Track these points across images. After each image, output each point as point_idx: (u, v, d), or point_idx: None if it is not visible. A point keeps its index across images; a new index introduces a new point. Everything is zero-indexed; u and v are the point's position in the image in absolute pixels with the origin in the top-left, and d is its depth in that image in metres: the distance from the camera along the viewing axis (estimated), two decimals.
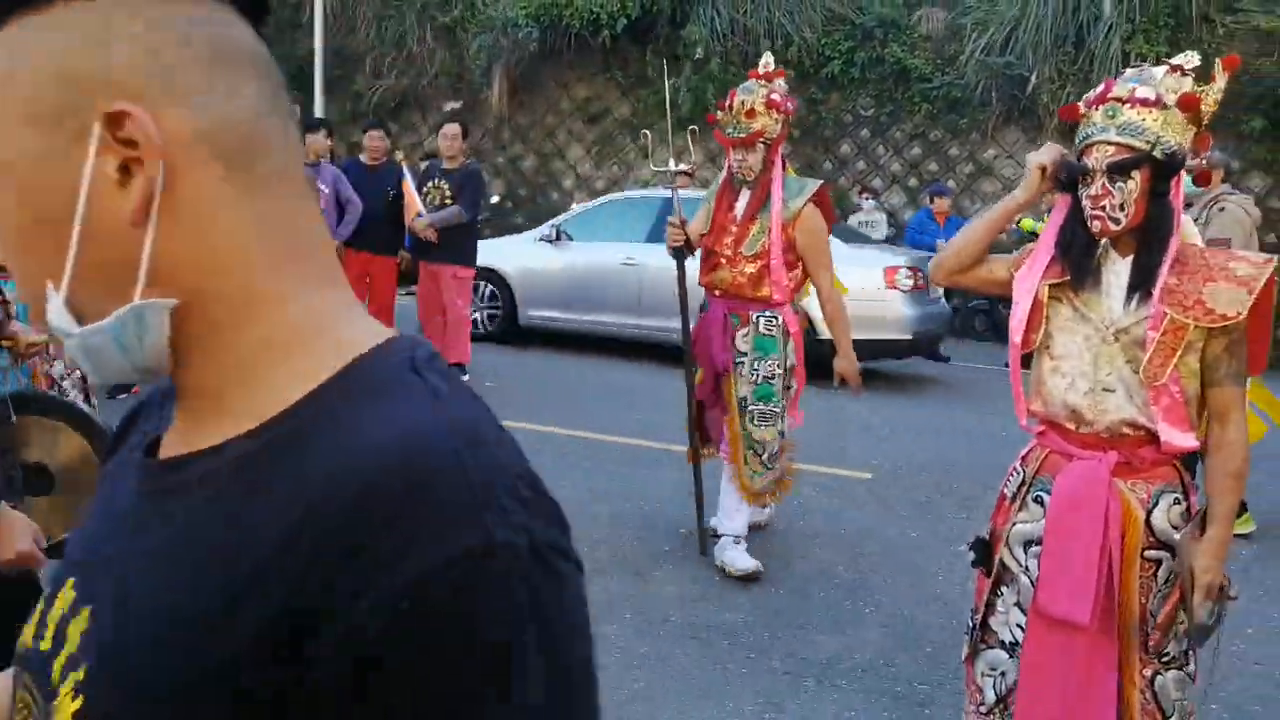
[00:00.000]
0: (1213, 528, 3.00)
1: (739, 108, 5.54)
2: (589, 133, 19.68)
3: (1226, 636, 5.24)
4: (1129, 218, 3.01)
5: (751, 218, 5.63)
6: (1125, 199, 2.99)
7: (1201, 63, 3.10)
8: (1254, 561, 6.52)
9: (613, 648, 4.79)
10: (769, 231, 5.56)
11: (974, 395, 11.38)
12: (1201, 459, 3.19)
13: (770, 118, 5.57)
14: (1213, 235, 6.83)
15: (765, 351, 5.63)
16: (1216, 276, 3.00)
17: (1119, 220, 3.01)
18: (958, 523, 6.82)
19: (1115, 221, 3.01)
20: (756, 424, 5.66)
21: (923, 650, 4.97)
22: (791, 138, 18.37)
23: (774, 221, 5.56)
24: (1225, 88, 3.08)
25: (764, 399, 5.65)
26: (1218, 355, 3.03)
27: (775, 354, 5.64)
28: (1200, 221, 6.95)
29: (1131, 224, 3.02)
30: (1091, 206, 3.04)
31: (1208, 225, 6.94)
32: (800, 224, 5.58)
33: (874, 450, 8.77)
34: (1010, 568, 3.32)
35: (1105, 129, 3.01)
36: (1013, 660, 3.31)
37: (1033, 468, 3.31)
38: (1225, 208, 7.05)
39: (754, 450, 5.64)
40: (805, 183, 5.79)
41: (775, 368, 5.64)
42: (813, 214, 5.63)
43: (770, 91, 5.57)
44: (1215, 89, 3.06)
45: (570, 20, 18.31)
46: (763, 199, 5.63)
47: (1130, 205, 2.99)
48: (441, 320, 10.16)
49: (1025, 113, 17.14)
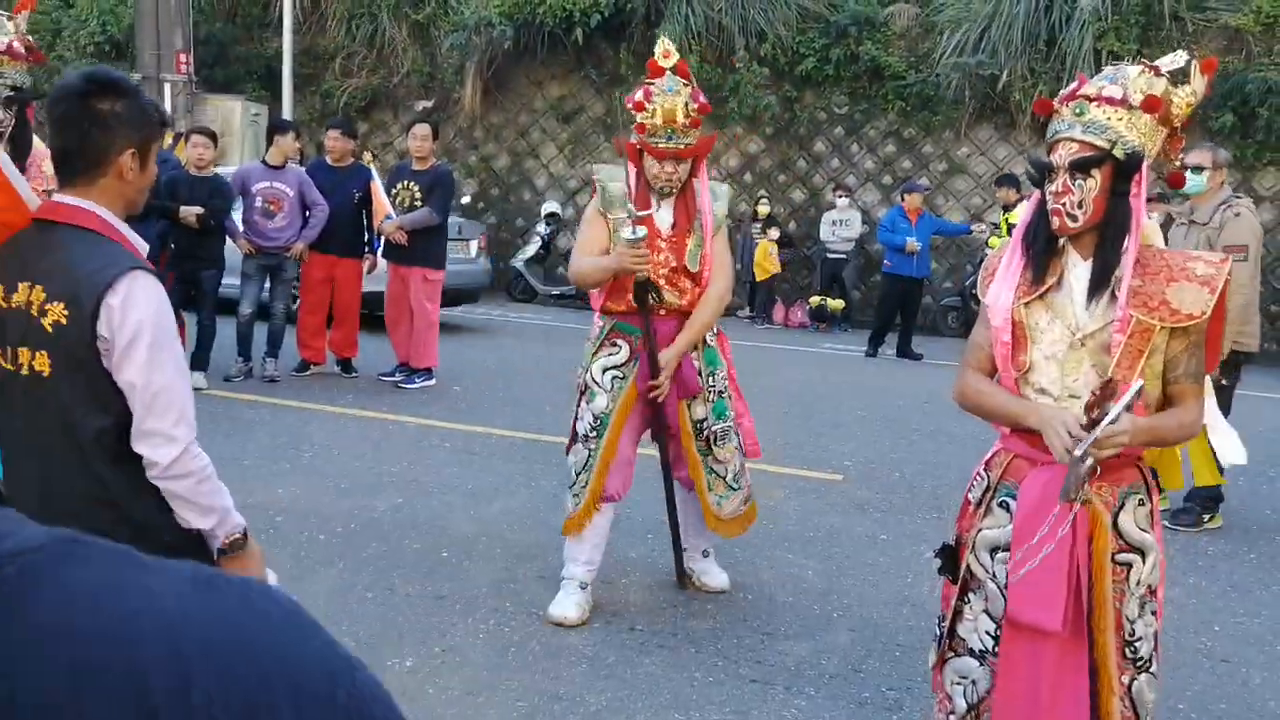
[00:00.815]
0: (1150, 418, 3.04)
1: (670, 113, 4.92)
2: (562, 131, 19.64)
3: (1193, 633, 5.29)
4: (1086, 216, 2.99)
5: (687, 230, 5.12)
6: (1084, 197, 2.97)
7: None
8: (1220, 559, 6.54)
9: (580, 657, 4.74)
10: (704, 241, 5.13)
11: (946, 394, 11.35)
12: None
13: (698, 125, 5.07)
14: (1228, 241, 6.77)
15: (714, 365, 5.29)
16: (1178, 276, 3.00)
17: (1076, 218, 3.00)
18: (929, 523, 6.81)
19: (1073, 219, 3.00)
20: (719, 444, 5.26)
21: (891, 654, 4.93)
22: (765, 135, 18.40)
23: (707, 233, 5.13)
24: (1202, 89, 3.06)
25: (720, 415, 5.27)
26: (1176, 355, 3.04)
27: (720, 366, 5.32)
28: (1213, 226, 6.90)
29: (1090, 222, 3.01)
30: (1053, 202, 3.03)
31: (1222, 230, 6.86)
32: (720, 236, 5.24)
33: (845, 451, 8.75)
34: (977, 574, 3.29)
35: (1071, 126, 3.01)
36: (983, 668, 3.28)
37: (997, 473, 3.28)
38: (1240, 213, 6.94)
39: (715, 473, 5.28)
40: (715, 187, 5.33)
41: (724, 380, 5.33)
42: (725, 230, 5.30)
43: (693, 93, 5.03)
44: (1188, 91, 3.03)
45: (544, 18, 18.26)
46: (693, 210, 5.14)
47: (1089, 204, 2.97)
48: (409, 323, 10.11)
49: (998, 110, 17.25)
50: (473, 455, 7.81)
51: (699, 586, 5.57)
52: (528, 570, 5.69)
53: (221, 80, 20.06)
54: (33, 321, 2.55)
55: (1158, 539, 3.16)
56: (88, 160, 2.63)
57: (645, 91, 4.96)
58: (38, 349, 2.56)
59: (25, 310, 2.56)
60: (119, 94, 2.64)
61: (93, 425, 2.57)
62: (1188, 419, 3.05)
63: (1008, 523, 3.18)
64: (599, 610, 5.20)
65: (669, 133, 4.93)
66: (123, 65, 20.41)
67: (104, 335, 2.52)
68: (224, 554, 2.72)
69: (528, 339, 14.14)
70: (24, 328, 2.57)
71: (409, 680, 4.43)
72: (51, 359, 2.55)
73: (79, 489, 2.61)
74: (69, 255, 2.58)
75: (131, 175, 2.67)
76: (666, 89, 4.95)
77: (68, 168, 2.67)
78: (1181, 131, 3.09)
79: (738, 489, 5.34)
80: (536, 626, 5.02)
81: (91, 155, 2.63)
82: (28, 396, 2.61)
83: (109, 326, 2.51)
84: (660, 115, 4.91)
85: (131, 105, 2.64)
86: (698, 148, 5.06)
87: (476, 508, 6.56)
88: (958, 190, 17.65)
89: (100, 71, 2.70)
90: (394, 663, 4.56)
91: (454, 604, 5.18)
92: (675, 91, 4.95)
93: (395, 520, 5.91)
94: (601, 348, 5.23)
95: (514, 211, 19.85)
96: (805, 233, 18.23)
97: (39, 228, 2.64)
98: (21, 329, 2.57)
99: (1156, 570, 3.15)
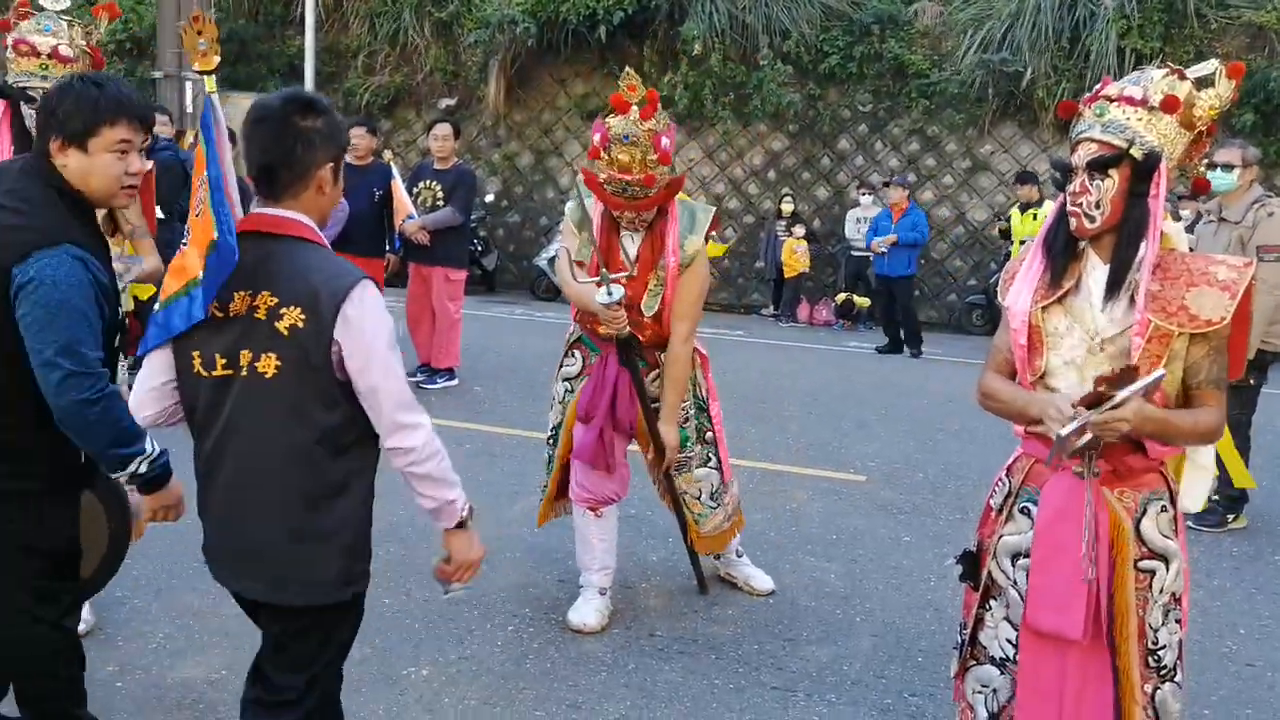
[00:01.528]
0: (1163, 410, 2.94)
1: (625, 166, 4.54)
2: (586, 129, 19.52)
3: (1217, 637, 5.23)
4: (1104, 216, 2.96)
5: (648, 267, 4.82)
6: (1101, 197, 2.94)
7: (1194, 56, 3.04)
8: (1246, 560, 6.47)
9: (599, 665, 4.72)
10: (665, 283, 4.82)
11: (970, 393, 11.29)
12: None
13: (660, 172, 4.63)
14: (1262, 241, 6.70)
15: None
16: (1198, 281, 2.95)
17: (1094, 218, 2.97)
18: (952, 525, 6.77)
19: (1090, 219, 2.97)
20: (676, 473, 5.16)
21: (914, 659, 4.90)
22: (789, 132, 18.35)
23: (669, 275, 4.79)
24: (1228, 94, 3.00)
25: (681, 445, 5.10)
26: (1198, 361, 2.99)
27: (687, 395, 5.10)
28: (1246, 224, 6.81)
29: (1108, 223, 2.97)
30: (1070, 202, 3.01)
31: (1255, 229, 6.77)
32: (691, 269, 4.84)
33: (870, 452, 8.70)
34: (999, 581, 3.26)
35: (1091, 126, 2.99)
36: (1004, 676, 3.25)
37: (1018, 479, 3.25)
38: (1274, 213, 6.80)
39: (688, 493, 5.23)
40: (696, 210, 4.94)
41: (689, 409, 5.13)
42: (703, 262, 4.88)
43: (654, 140, 4.56)
44: (1212, 95, 2.98)
45: (567, 15, 18.22)
46: (659, 248, 4.82)
47: (1106, 204, 2.94)
48: (430, 323, 10.10)
49: (1021, 108, 17.19)
50: (493, 456, 7.79)
51: (747, 590, 5.56)
52: (547, 575, 5.67)
53: (244, 78, 20.08)
54: (258, 326, 2.73)
55: (1181, 546, 3.11)
56: (292, 175, 2.82)
57: (602, 136, 4.59)
58: (265, 351, 2.72)
59: (248, 316, 2.74)
60: (318, 112, 2.86)
61: (322, 422, 2.75)
62: (1206, 422, 2.97)
63: (1029, 529, 3.15)
64: (618, 616, 5.18)
65: (623, 185, 4.60)
66: (144, 64, 20.54)
67: (339, 340, 2.70)
68: (461, 527, 2.99)
69: (550, 338, 13.99)
70: (245, 332, 2.74)
71: (425, 689, 4.42)
72: (281, 360, 2.72)
73: (292, 480, 2.78)
74: (297, 264, 2.77)
75: (327, 188, 2.88)
76: (623, 137, 4.53)
77: (272, 182, 2.83)
78: (1207, 137, 3.04)
79: (717, 506, 5.30)
80: (555, 633, 5.00)
81: (296, 170, 2.81)
82: (240, 397, 2.77)
83: (346, 334, 2.71)
84: (616, 167, 4.58)
85: (329, 122, 2.87)
86: (656, 199, 4.69)
87: (496, 509, 6.53)
88: (981, 188, 17.57)
89: (299, 92, 2.96)
90: (410, 671, 4.55)
91: (471, 610, 5.16)
92: (632, 141, 4.52)
93: (413, 524, 5.88)
94: (566, 354, 5.24)
95: (537, 210, 19.83)
96: (829, 230, 18.17)
97: (252, 239, 2.79)
98: (241, 334, 2.74)
99: (1180, 578, 3.11)
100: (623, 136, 4.54)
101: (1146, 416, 2.84)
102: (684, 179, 5.00)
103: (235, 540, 2.88)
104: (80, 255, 2.92)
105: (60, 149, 3.00)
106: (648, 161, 4.55)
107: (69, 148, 3.00)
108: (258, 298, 2.74)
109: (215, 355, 2.77)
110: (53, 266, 2.86)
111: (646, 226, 4.82)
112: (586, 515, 5.13)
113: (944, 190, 17.82)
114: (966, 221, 17.67)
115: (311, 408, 2.75)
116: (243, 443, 2.79)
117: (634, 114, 4.56)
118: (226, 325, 2.76)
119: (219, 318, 2.77)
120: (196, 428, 2.88)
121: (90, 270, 2.95)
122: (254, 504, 2.82)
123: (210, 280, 2.76)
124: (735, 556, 5.63)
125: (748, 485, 7.30)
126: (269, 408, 2.75)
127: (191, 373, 2.81)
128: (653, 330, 4.90)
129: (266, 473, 2.79)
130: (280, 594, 2.86)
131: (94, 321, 2.92)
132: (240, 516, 2.84)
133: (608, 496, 5.12)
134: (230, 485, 2.83)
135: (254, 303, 2.74)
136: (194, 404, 2.85)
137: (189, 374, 2.82)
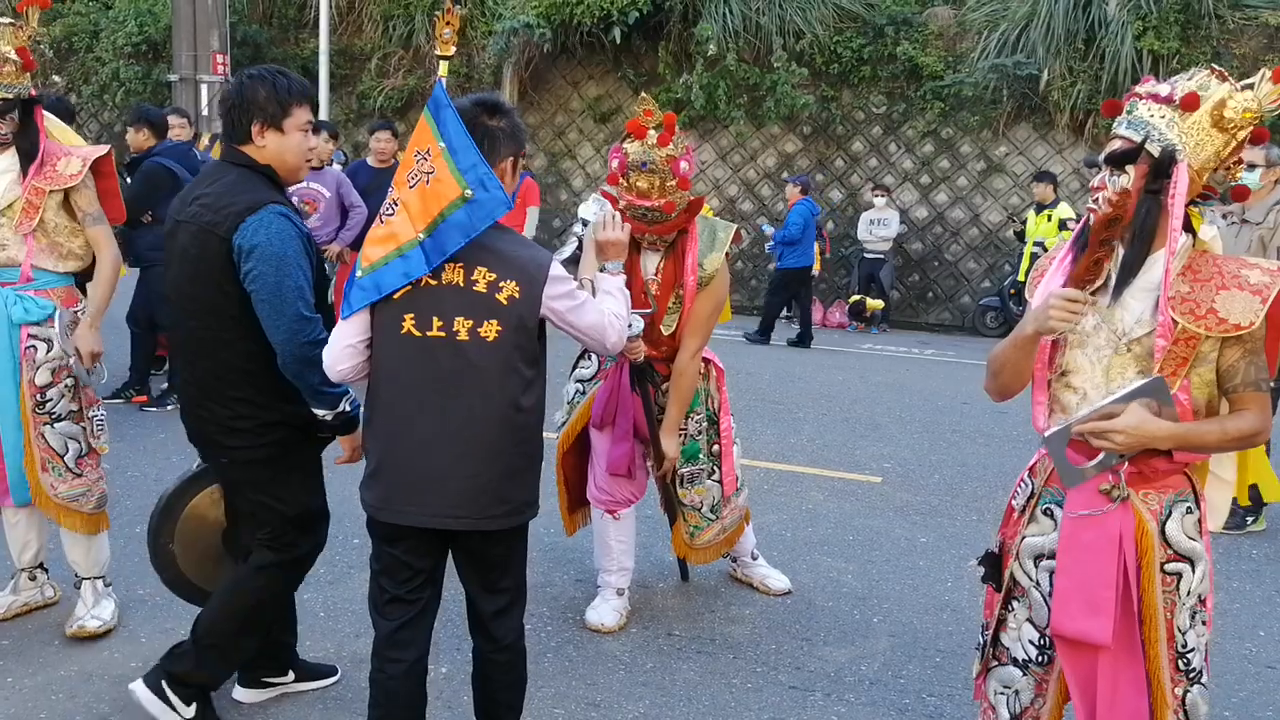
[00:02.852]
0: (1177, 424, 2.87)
1: (643, 193, 4.61)
2: (599, 132, 19.62)
3: (1238, 639, 5.21)
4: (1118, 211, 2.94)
5: (670, 286, 4.84)
6: (1116, 192, 2.92)
7: (1210, 57, 3.01)
8: (1266, 562, 6.44)
9: (617, 664, 4.73)
10: (684, 301, 4.84)
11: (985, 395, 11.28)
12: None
13: (679, 197, 4.67)
14: None
15: (694, 405, 5.09)
16: (1229, 284, 2.91)
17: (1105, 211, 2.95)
18: (968, 525, 6.76)
19: None
20: (685, 486, 5.17)
21: (932, 660, 4.89)
22: (803, 134, 18.34)
23: (688, 294, 4.81)
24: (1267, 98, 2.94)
25: (690, 458, 5.13)
26: (1233, 364, 2.93)
27: (698, 406, 5.11)
28: (1267, 225, 6.79)
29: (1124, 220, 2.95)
30: (1090, 196, 3.00)
31: (1276, 230, 6.75)
32: (708, 288, 4.86)
33: (885, 453, 8.69)
34: (1021, 583, 3.24)
35: (1120, 122, 2.97)
36: (1027, 678, 3.23)
37: (1040, 479, 3.23)
38: None
39: (689, 506, 5.22)
40: (717, 228, 4.94)
41: (701, 422, 5.14)
42: (723, 279, 4.89)
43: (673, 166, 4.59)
44: (1248, 96, 2.92)
45: (581, 17, 18.22)
46: (680, 270, 4.82)
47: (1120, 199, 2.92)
48: None
49: (1036, 110, 17.12)
50: None
51: (763, 591, 5.57)
52: (565, 574, 5.68)
53: None
54: (480, 298, 3.16)
55: (1206, 547, 3.09)
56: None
57: (620, 162, 4.65)
58: (487, 319, 3.16)
59: (466, 289, 3.16)
60: (503, 113, 3.33)
61: (526, 374, 3.26)
62: (1240, 427, 2.91)
63: (1052, 530, 3.12)
64: (636, 615, 5.19)
65: (643, 210, 4.64)
66: (159, 66, 20.59)
67: (549, 305, 3.26)
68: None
69: (564, 338, 14.06)
70: (464, 302, 3.16)
71: (445, 687, 4.42)
72: (502, 325, 3.17)
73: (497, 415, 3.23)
74: (502, 245, 3.23)
75: (507, 179, 3.28)
76: (642, 164, 4.57)
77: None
78: (1251, 142, 2.99)
79: (715, 519, 5.28)
80: (573, 632, 5.01)
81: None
82: (455, 357, 3.17)
83: (553, 298, 3.26)
84: (634, 193, 4.64)
85: (512, 122, 3.34)
86: (677, 223, 4.73)
87: None
88: (996, 189, 17.54)
89: (487, 96, 3.38)
90: (430, 669, 4.53)
91: None
92: (651, 169, 4.56)
93: None
94: (582, 355, 5.27)
95: (550, 212, 19.83)
96: (843, 232, 18.16)
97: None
98: (460, 302, 3.16)
99: (1206, 579, 3.08)
100: (641, 164, 4.58)
101: (1151, 434, 2.81)
102: (704, 201, 5.03)
103: (453, 480, 3.23)
104: (284, 212, 3.51)
105: (260, 131, 3.57)
106: (666, 188, 4.60)
107: (268, 130, 3.57)
108: (475, 272, 3.16)
109: (433, 318, 3.15)
110: (266, 225, 3.45)
111: (667, 245, 4.84)
112: (605, 518, 5.14)
113: (958, 192, 17.78)
114: (981, 224, 17.63)
115: (521, 365, 3.23)
116: (466, 397, 3.18)
117: (651, 138, 4.60)
118: (441, 293, 3.16)
119: (431, 284, 3.15)
120: (387, 382, 3.24)
121: (295, 224, 3.52)
122: (480, 445, 3.22)
123: (449, 235, 3.12)
124: (750, 559, 5.63)
125: (762, 486, 7.30)
126: (488, 366, 3.18)
127: (399, 333, 3.18)
128: (669, 347, 4.95)
129: (486, 420, 3.21)
130: (505, 520, 3.36)
131: (307, 271, 3.52)
132: (462, 456, 3.22)
133: (626, 499, 5.13)
134: (443, 435, 3.21)
135: (472, 276, 3.16)
136: (394, 362, 3.21)
137: (394, 334, 3.19)
